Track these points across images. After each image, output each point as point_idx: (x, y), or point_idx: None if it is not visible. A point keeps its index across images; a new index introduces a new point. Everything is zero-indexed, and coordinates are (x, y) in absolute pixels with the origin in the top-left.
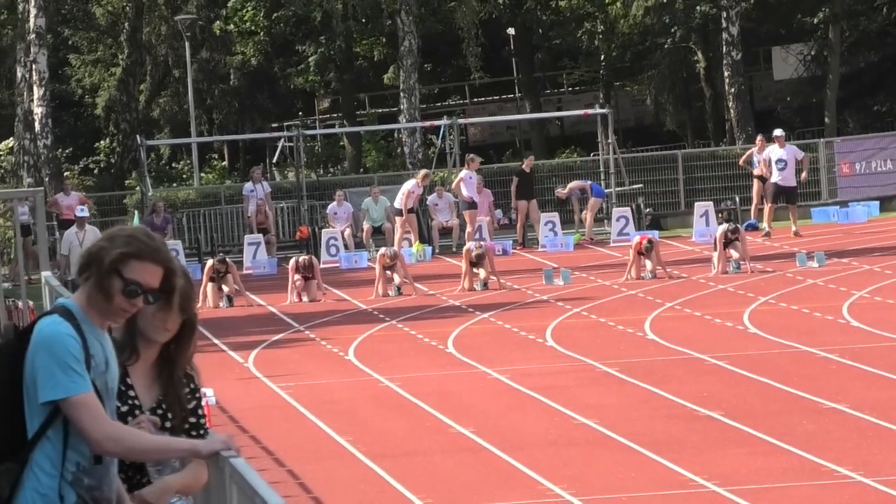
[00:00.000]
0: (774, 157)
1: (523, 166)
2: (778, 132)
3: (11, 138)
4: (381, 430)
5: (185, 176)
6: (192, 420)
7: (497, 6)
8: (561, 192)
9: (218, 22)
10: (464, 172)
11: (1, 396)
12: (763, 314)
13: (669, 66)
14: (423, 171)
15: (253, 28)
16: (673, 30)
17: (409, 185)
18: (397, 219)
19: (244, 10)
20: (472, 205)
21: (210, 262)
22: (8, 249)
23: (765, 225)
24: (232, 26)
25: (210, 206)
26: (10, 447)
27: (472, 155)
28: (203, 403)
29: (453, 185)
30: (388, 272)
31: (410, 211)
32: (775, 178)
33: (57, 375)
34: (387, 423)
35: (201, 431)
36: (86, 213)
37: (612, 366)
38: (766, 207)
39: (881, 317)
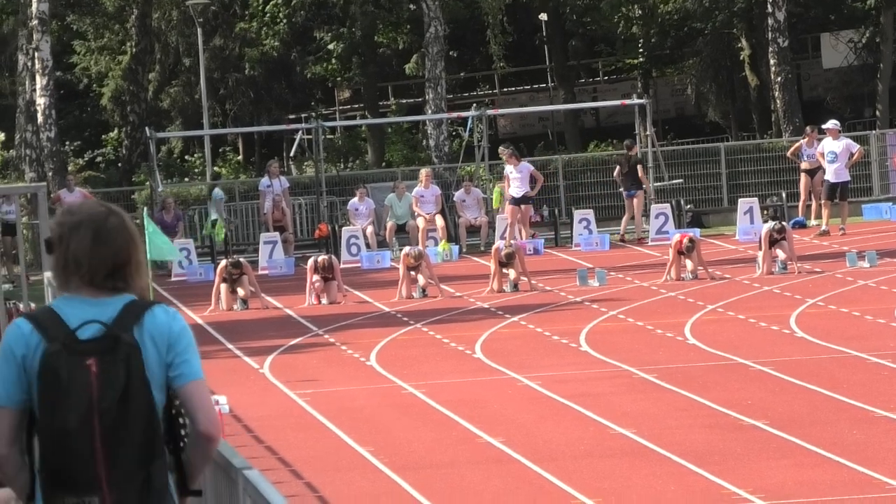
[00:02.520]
0: (827, 150)
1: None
2: (831, 124)
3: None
4: (404, 440)
5: (196, 170)
6: None
7: None
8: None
9: (240, 23)
10: (507, 169)
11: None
12: (811, 317)
13: (711, 54)
14: (424, 171)
15: (272, 20)
16: (715, 14)
17: (414, 191)
18: (420, 219)
19: (264, 3)
20: (516, 200)
21: (223, 262)
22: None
23: (817, 222)
24: (255, 24)
25: (224, 203)
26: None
27: (503, 149)
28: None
29: (506, 192)
30: (413, 273)
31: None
32: (827, 173)
33: None
34: (410, 432)
35: None
36: None
37: (651, 372)
38: (821, 203)
39: None
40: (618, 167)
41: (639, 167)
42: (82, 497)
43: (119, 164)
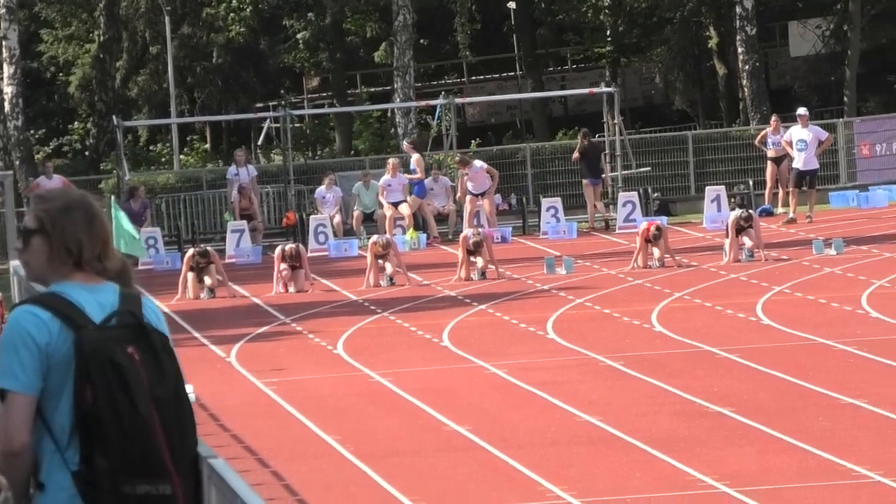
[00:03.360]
0: (796, 138)
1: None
2: (801, 111)
3: None
4: (371, 428)
5: (164, 159)
6: None
7: None
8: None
9: (207, 9)
10: (461, 172)
11: None
12: (777, 305)
13: (680, 42)
14: (391, 160)
15: (240, 6)
16: (683, 2)
17: (381, 181)
18: (386, 208)
19: None
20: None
21: (190, 251)
22: None
23: (784, 210)
24: (222, 9)
25: (191, 191)
26: None
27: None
28: None
29: (458, 194)
30: (380, 261)
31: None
32: (796, 161)
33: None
34: (377, 420)
35: None
36: None
37: (617, 359)
38: (788, 191)
39: None
40: (577, 154)
41: (603, 156)
42: (155, 484)
43: (86, 153)
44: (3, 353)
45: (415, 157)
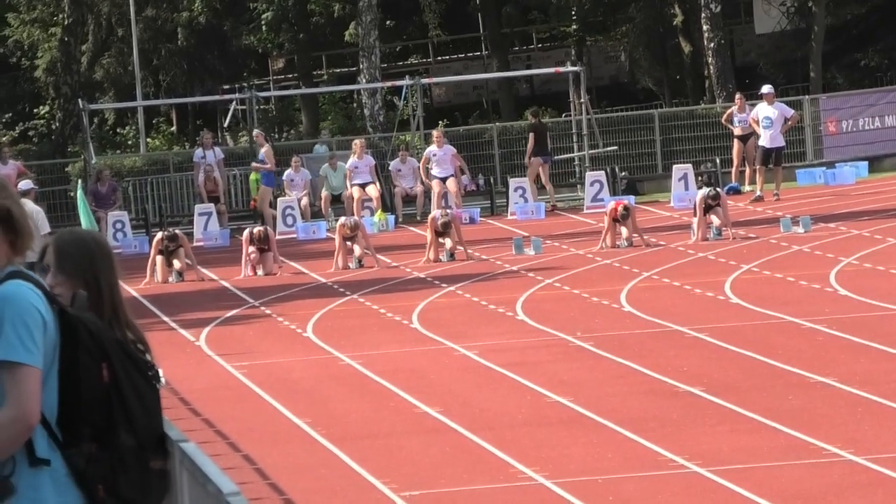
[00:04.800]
0: (761, 116)
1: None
2: (766, 88)
3: None
4: (341, 410)
5: (130, 142)
6: None
7: None
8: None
9: None
10: (430, 150)
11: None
12: (745, 283)
13: (645, 21)
14: (357, 142)
15: None
16: None
17: (348, 163)
18: (353, 190)
19: None
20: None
21: (159, 234)
22: None
23: (751, 188)
24: None
25: (158, 175)
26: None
27: (437, 131)
28: None
29: (421, 170)
30: (349, 243)
31: (363, 185)
32: (762, 139)
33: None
34: (348, 403)
35: None
36: (30, 186)
37: (587, 340)
38: (755, 169)
39: (870, 284)
40: (534, 134)
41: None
42: (166, 459)
43: (52, 137)
44: (15, 326)
45: (265, 149)
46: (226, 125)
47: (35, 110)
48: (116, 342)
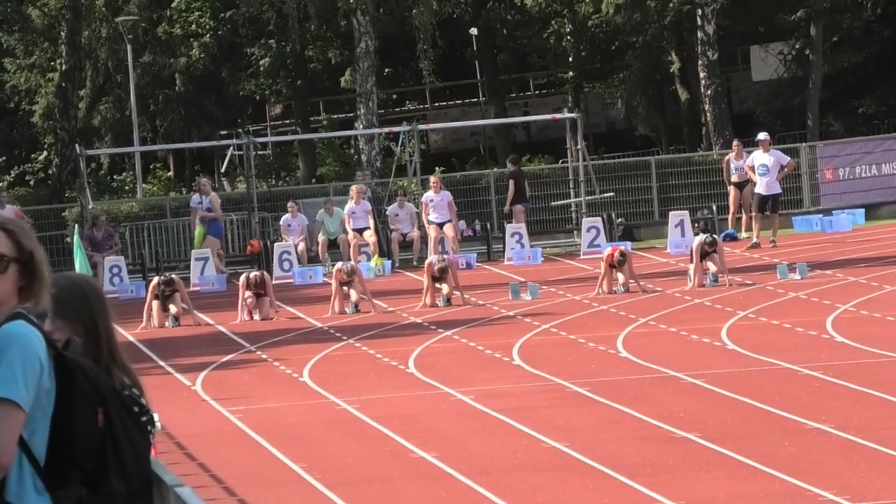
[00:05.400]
0: (758, 163)
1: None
2: (762, 136)
3: None
4: (337, 455)
5: (127, 188)
6: None
7: (458, 5)
8: None
9: (163, 24)
10: (427, 195)
11: None
12: (742, 329)
13: (642, 68)
14: (353, 188)
15: (199, 30)
16: (645, 27)
17: (345, 209)
18: (350, 234)
19: (190, 13)
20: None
21: (155, 279)
22: None
23: (747, 235)
24: (178, 28)
25: (154, 220)
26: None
27: (435, 176)
28: None
29: (423, 216)
30: (345, 288)
31: (361, 230)
32: (758, 186)
33: None
34: (344, 448)
35: None
36: None
37: (583, 385)
38: (751, 216)
39: (867, 331)
40: (514, 182)
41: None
42: None
43: (49, 182)
44: (10, 364)
45: (211, 196)
46: (223, 170)
47: (32, 155)
48: (112, 389)
